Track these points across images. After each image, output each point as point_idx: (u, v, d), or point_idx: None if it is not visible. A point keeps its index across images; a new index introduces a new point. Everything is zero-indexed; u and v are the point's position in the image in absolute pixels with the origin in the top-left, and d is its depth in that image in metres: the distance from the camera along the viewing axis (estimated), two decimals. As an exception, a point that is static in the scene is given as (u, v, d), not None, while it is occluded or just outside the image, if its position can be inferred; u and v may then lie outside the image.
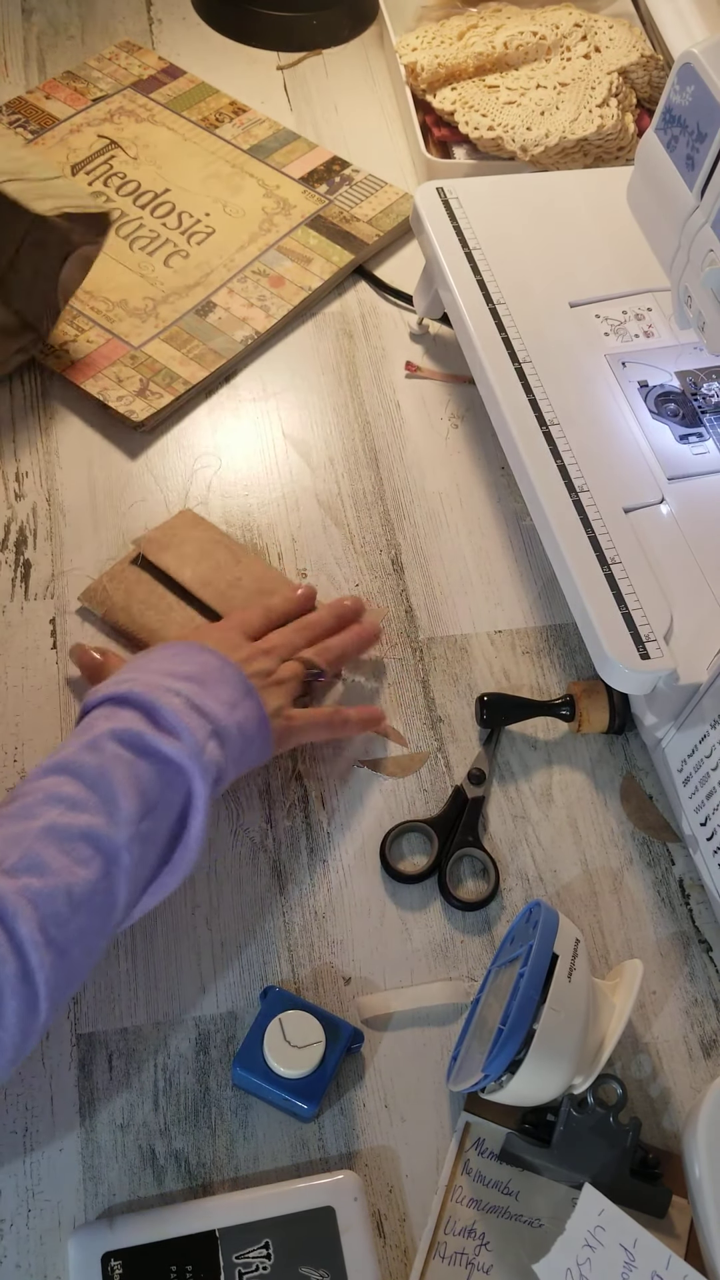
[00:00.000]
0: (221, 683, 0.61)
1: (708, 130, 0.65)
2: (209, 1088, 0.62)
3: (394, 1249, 0.58)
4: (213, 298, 0.94)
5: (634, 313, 0.83)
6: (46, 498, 0.83)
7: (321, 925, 0.67)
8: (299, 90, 1.13)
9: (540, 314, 0.81)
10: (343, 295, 0.98)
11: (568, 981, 0.57)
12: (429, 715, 0.76)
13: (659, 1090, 0.64)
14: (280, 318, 0.93)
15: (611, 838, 0.72)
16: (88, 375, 0.87)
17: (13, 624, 0.77)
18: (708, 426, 0.77)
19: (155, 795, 0.55)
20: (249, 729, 0.61)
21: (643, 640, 0.65)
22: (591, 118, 0.99)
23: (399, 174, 1.06)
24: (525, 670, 0.78)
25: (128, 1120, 0.61)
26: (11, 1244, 0.57)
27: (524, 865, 0.70)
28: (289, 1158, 0.60)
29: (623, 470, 0.74)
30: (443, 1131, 0.61)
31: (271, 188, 1.02)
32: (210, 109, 1.08)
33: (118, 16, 1.16)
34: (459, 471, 0.87)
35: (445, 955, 0.67)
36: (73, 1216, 0.58)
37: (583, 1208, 0.55)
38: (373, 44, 1.17)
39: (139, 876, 0.55)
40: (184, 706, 0.58)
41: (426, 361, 0.94)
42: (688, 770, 0.68)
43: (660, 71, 1.05)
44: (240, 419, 0.89)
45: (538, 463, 0.73)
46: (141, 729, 0.56)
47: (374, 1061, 0.63)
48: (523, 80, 1.03)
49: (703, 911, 0.69)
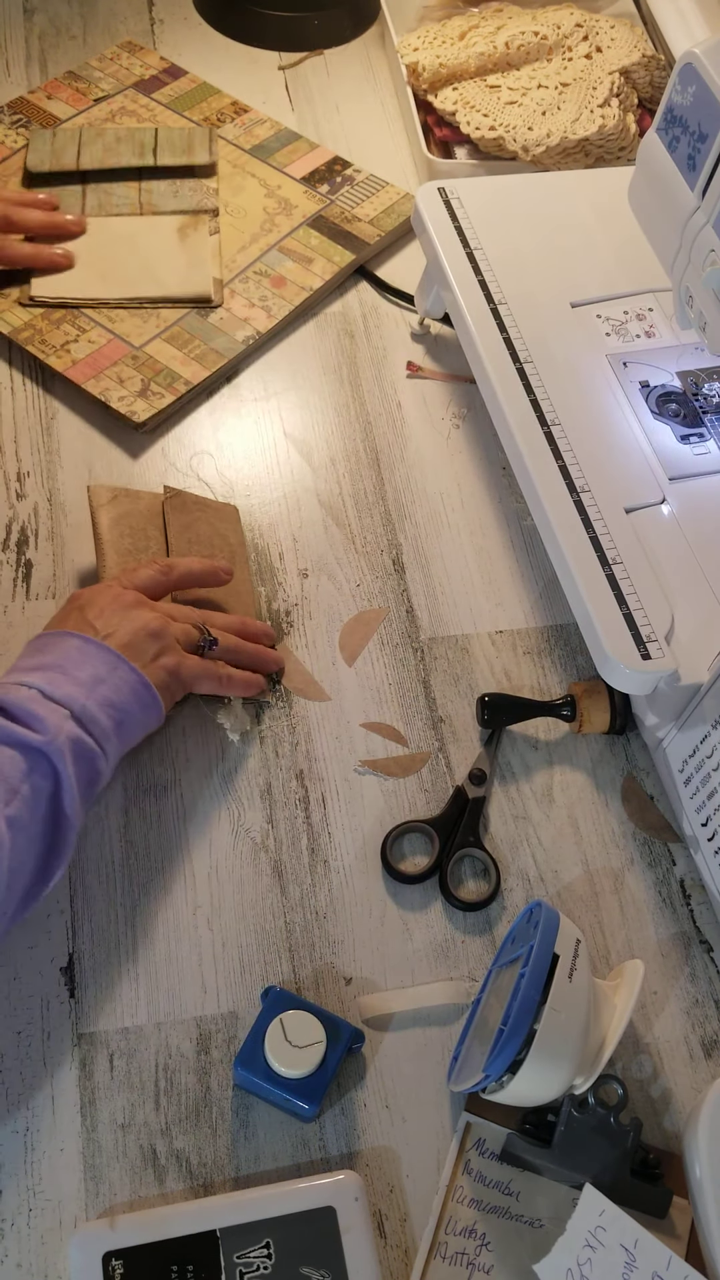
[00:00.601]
0: (83, 663, 0.63)
1: (709, 130, 0.65)
2: (210, 1087, 0.62)
3: (395, 1249, 0.58)
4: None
5: (635, 313, 0.83)
6: (48, 497, 0.83)
7: (322, 925, 0.67)
8: (300, 90, 1.13)
9: (541, 314, 0.81)
10: (344, 295, 0.98)
11: (569, 982, 0.57)
12: (430, 715, 0.76)
13: (660, 1091, 0.64)
14: (282, 318, 0.93)
15: (612, 838, 0.72)
16: (89, 375, 0.87)
17: (14, 624, 0.77)
18: (709, 427, 0.77)
19: (17, 780, 0.58)
20: (121, 698, 0.63)
21: (644, 640, 0.65)
22: (593, 118, 0.99)
23: (400, 174, 1.06)
24: (526, 670, 0.78)
25: (129, 1120, 0.61)
26: (13, 1243, 0.57)
27: (525, 865, 0.70)
28: (290, 1158, 0.60)
29: (624, 470, 0.74)
30: (443, 1132, 0.61)
31: (273, 188, 1.02)
32: (212, 109, 1.08)
33: (119, 16, 1.16)
34: (460, 472, 0.87)
35: (446, 955, 0.67)
36: (74, 1216, 0.58)
37: (584, 1208, 0.55)
38: (374, 44, 1.17)
39: (20, 862, 0.57)
40: (35, 696, 0.60)
41: (428, 361, 0.94)
42: (689, 770, 0.68)
43: (662, 71, 1.05)
44: (242, 419, 0.89)
45: (539, 463, 0.73)
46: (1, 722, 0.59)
47: (375, 1062, 0.63)
48: (524, 80, 1.03)
49: (704, 912, 0.69)
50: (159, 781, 0.71)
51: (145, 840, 0.69)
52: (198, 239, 0.95)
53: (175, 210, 0.98)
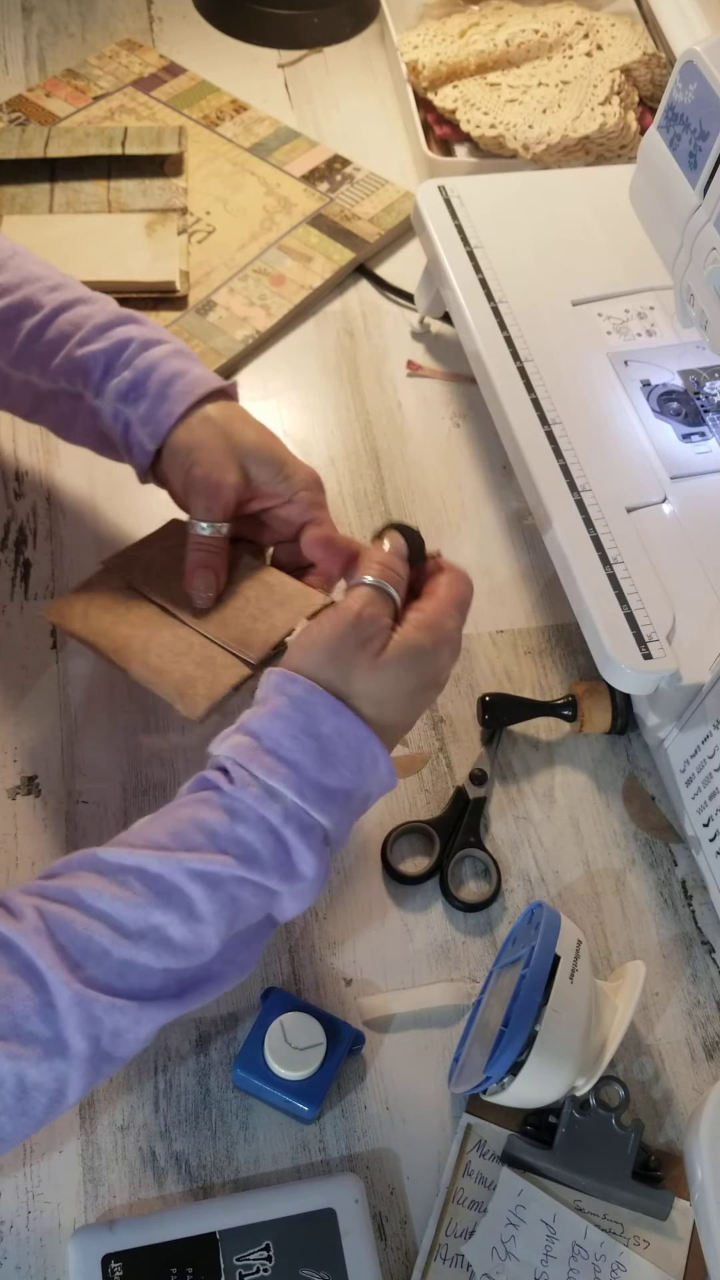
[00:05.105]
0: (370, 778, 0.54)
1: (710, 128, 0.64)
2: (210, 1089, 0.61)
3: (395, 1251, 0.58)
4: (213, 296, 0.94)
5: (636, 311, 0.82)
6: (46, 497, 0.83)
7: (322, 926, 0.67)
8: (300, 88, 1.12)
9: (542, 313, 0.81)
10: (344, 294, 0.97)
11: (570, 983, 0.57)
12: (430, 715, 0.75)
13: (661, 1092, 0.63)
14: (281, 316, 0.93)
15: (614, 839, 0.72)
16: (88, 374, 0.87)
17: (13, 624, 0.76)
18: (710, 425, 0.77)
19: (247, 920, 0.52)
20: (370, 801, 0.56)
21: (645, 640, 0.65)
22: (593, 116, 0.99)
23: (400, 172, 1.06)
24: (527, 670, 0.78)
25: (128, 1122, 0.60)
26: (12, 1246, 0.57)
27: (526, 866, 0.70)
28: (290, 1159, 0.60)
29: (625, 469, 0.73)
30: (444, 1133, 0.61)
31: (272, 186, 1.02)
32: (211, 107, 1.08)
33: (118, 14, 1.16)
34: (460, 471, 0.87)
35: (447, 956, 0.67)
36: (73, 1218, 0.58)
37: (502, 1189, 0.58)
38: (374, 42, 1.17)
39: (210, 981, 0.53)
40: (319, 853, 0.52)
41: (428, 360, 0.94)
42: (690, 771, 0.68)
43: (662, 69, 1.05)
44: (241, 418, 0.89)
45: (539, 462, 0.73)
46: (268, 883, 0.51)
47: (375, 1063, 0.63)
48: (524, 78, 1.03)
49: (705, 913, 0.69)
50: (159, 781, 0.71)
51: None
52: (165, 234, 0.95)
53: (144, 209, 0.97)
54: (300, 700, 0.53)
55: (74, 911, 0.49)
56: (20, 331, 0.67)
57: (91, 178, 0.99)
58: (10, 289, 0.68)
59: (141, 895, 0.49)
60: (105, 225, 0.96)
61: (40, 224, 0.95)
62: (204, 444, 0.64)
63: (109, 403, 0.67)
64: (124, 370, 0.66)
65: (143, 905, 0.49)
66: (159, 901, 0.49)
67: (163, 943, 0.49)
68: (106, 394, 0.66)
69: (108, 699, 0.74)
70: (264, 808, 0.51)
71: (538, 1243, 0.57)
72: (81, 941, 0.48)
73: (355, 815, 0.55)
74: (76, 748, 0.72)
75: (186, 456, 0.64)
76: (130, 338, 0.67)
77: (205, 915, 0.50)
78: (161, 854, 0.50)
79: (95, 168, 1.00)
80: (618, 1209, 0.59)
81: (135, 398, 0.66)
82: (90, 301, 0.69)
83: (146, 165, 1.00)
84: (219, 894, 0.50)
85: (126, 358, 0.66)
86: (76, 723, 0.73)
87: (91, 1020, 0.48)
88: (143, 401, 0.65)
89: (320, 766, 0.52)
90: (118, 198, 0.98)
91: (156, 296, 0.92)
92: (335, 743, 0.52)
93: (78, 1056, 0.47)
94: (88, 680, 0.74)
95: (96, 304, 0.69)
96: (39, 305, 0.68)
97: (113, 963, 0.49)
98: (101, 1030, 0.48)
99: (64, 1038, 0.47)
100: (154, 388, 0.65)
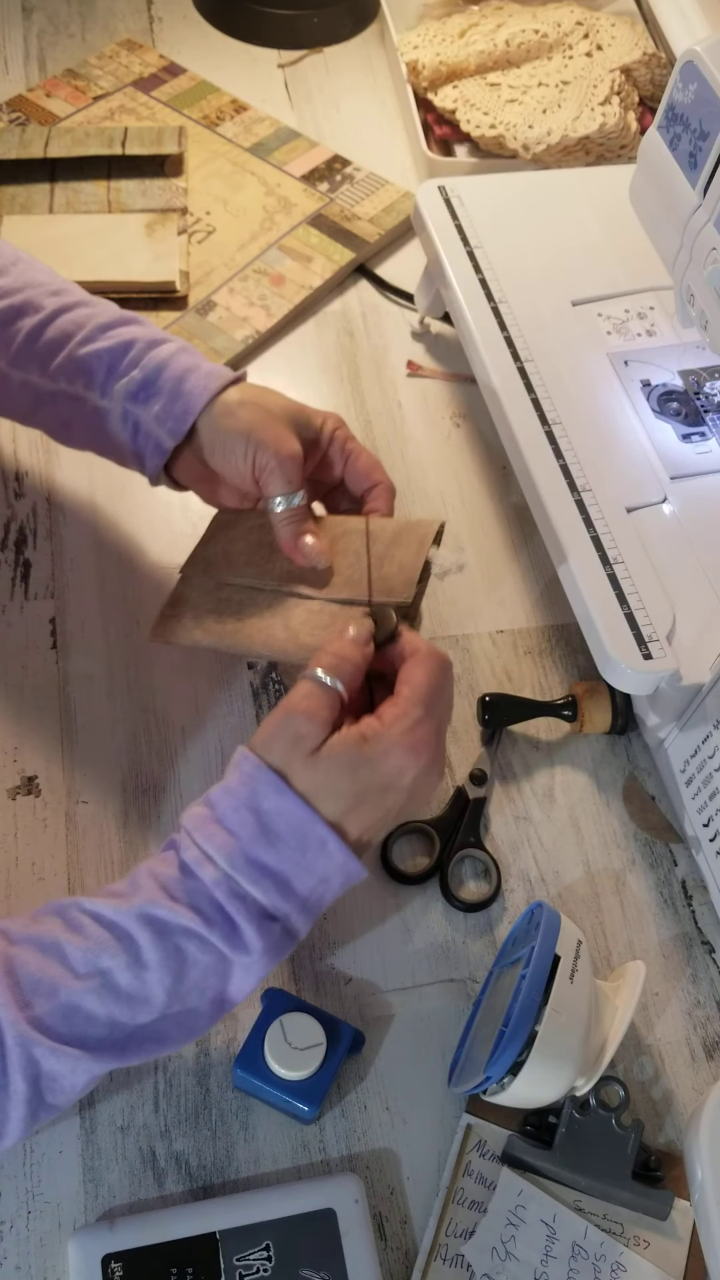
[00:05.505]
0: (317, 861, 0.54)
1: (710, 128, 0.64)
2: (210, 1090, 0.61)
3: (395, 1251, 0.58)
4: (213, 296, 0.94)
5: (636, 311, 0.82)
6: (46, 497, 0.83)
7: (322, 926, 0.67)
8: (300, 88, 1.12)
9: (542, 313, 0.81)
10: (344, 294, 0.97)
11: (570, 983, 0.57)
12: (430, 715, 0.75)
13: (661, 1092, 0.63)
14: (281, 317, 0.93)
15: (614, 839, 0.72)
16: (88, 374, 0.87)
17: (13, 624, 0.76)
18: (710, 425, 0.77)
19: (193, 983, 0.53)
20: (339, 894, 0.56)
21: (645, 640, 0.65)
22: (593, 116, 0.99)
23: (400, 172, 1.06)
24: (527, 670, 0.78)
25: (128, 1122, 0.60)
26: (11, 1246, 0.57)
27: (526, 866, 0.70)
28: (290, 1160, 0.60)
29: (625, 469, 0.73)
30: (444, 1133, 0.61)
31: (272, 186, 1.02)
32: (211, 107, 1.08)
33: (118, 14, 1.16)
34: (460, 470, 0.87)
35: (447, 957, 0.67)
36: (73, 1218, 0.58)
37: (502, 1189, 0.58)
38: (374, 42, 1.17)
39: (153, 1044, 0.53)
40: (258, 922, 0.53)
41: (428, 360, 0.94)
42: (690, 771, 0.68)
43: (662, 69, 1.05)
44: (241, 418, 0.89)
45: (539, 462, 0.73)
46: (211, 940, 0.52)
47: (375, 1063, 0.63)
48: (524, 78, 1.03)
49: (705, 913, 0.69)
50: (159, 781, 0.71)
51: (145, 840, 0.69)
52: (165, 234, 0.95)
53: (144, 209, 0.97)
54: (247, 776, 0.54)
55: (31, 951, 0.51)
56: (20, 331, 0.67)
57: (91, 178, 0.99)
58: (11, 292, 0.68)
59: (93, 939, 0.51)
60: (105, 225, 0.96)
61: (40, 224, 0.95)
62: (257, 426, 0.64)
63: (117, 403, 0.66)
64: (132, 370, 0.66)
65: (92, 949, 0.51)
66: (107, 945, 0.51)
67: (109, 988, 0.51)
68: (114, 394, 0.66)
69: (108, 699, 0.74)
70: (200, 869, 0.52)
71: (538, 1243, 0.57)
72: (33, 979, 0.50)
73: (312, 900, 0.55)
74: (76, 748, 0.72)
75: (240, 444, 0.64)
76: (134, 337, 0.67)
77: (150, 963, 0.51)
78: (116, 900, 0.52)
79: (95, 168, 1.00)
80: (618, 1209, 0.59)
81: (146, 397, 0.65)
82: (92, 304, 0.69)
83: (146, 165, 1.00)
84: (165, 942, 0.51)
85: (133, 357, 0.66)
86: (76, 723, 0.73)
87: (30, 1062, 0.49)
88: (156, 400, 0.65)
89: (256, 840, 0.53)
90: (118, 198, 0.98)
91: (156, 297, 0.92)
92: (275, 819, 0.53)
93: (17, 1095, 0.49)
94: (88, 680, 0.74)
95: (98, 306, 0.69)
96: (39, 306, 0.67)
97: (59, 1003, 0.50)
98: (39, 1073, 0.49)
99: (7, 1074, 0.49)
100: (167, 385, 0.65)
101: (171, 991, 0.52)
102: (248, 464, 0.64)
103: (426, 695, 0.56)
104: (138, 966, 0.51)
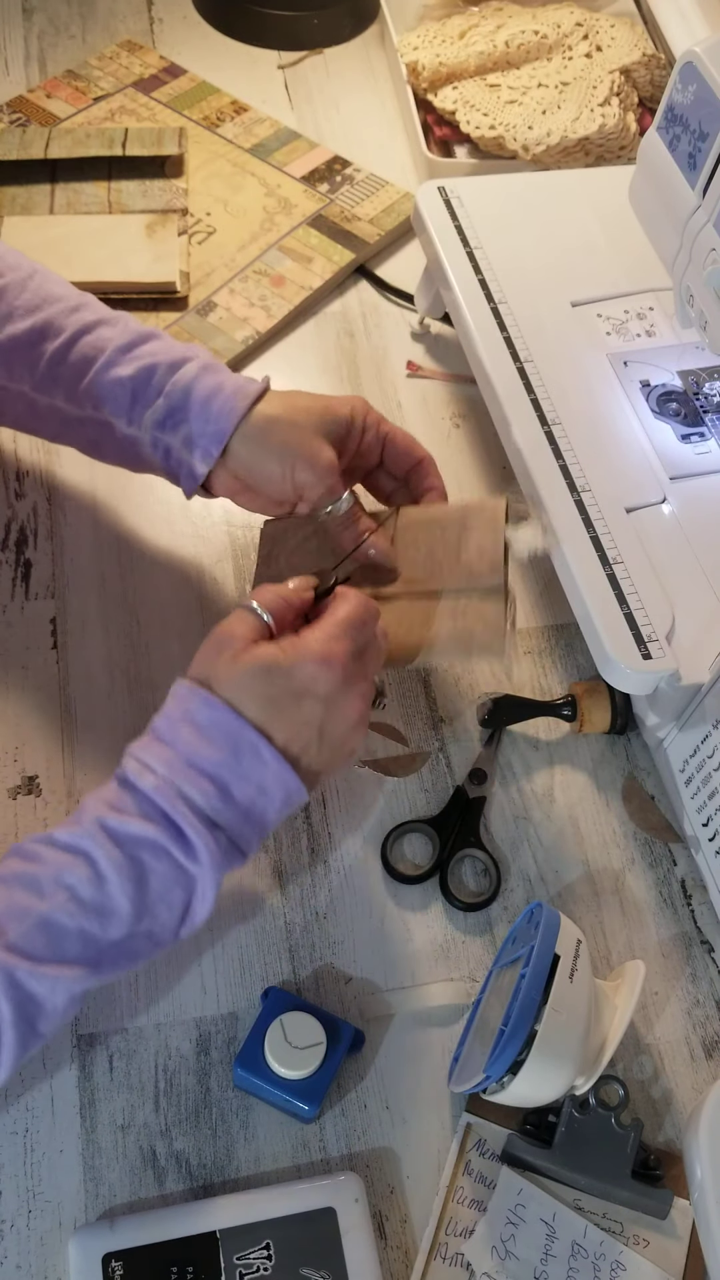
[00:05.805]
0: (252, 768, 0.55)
1: (710, 129, 0.65)
2: (210, 1089, 0.62)
3: (395, 1250, 0.58)
4: (214, 297, 0.94)
5: (636, 312, 0.83)
6: (46, 497, 0.83)
7: (322, 926, 0.67)
8: (300, 89, 1.13)
9: (541, 313, 0.81)
10: (344, 295, 0.98)
11: (569, 982, 0.57)
12: (430, 715, 0.75)
13: (661, 1091, 0.63)
14: (281, 317, 0.93)
15: (613, 838, 0.72)
16: (88, 375, 0.87)
17: (13, 624, 0.76)
18: (710, 426, 0.77)
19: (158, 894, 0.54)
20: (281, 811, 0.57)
21: (644, 640, 0.65)
22: (593, 117, 0.99)
23: (400, 173, 1.06)
24: (527, 670, 0.78)
25: (128, 1121, 0.60)
26: (12, 1245, 0.57)
27: (525, 866, 0.70)
28: (290, 1159, 0.60)
29: (624, 470, 0.73)
30: (444, 1133, 0.61)
31: (273, 187, 1.02)
32: (211, 108, 1.08)
33: (119, 15, 1.16)
34: (460, 471, 0.87)
35: (446, 956, 0.67)
36: (73, 1217, 0.58)
37: (502, 1188, 0.58)
38: (374, 43, 1.17)
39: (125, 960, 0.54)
40: (202, 827, 0.54)
41: (428, 361, 0.94)
42: (689, 771, 0.68)
43: (662, 70, 1.05)
44: (241, 418, 0.89)
45: (539, 462, 0.73)
46: (162, 843, 0.54)
47: (375, 1062, 0.63)
48: (524, 79, 1.03)
49: (705, 912, 0.69)
50: (159, 782, 0.71)
51: (145, 840, 0.69)
52: (165, 234, 0.95)
53: (144, 210, 0.97)
54: (179, 696, 0.57)
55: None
56: (43, 355, 0.67)
57: (92, 179, 0.99)
58: (31, 310, 0.67)
59: (52, 862, 0.53)
60: (106, 226, 0.96)
61: (41, 225, 0.95)
62: (290, 443, 0.64)
63: (146, 431, 0.66)
64: (157, 398, 0.66)
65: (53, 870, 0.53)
66: (66, 864, 0.53)
67: (76, 901, 0.52)
68: (143, 424, 0.66)
69: (108, 699, 0.74)
70: (140, 779, 0.54)
71: (537, 1242, 0.57)
72: (3, 903, 0.51)
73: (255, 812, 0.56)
74: (76, 748, 0.72)
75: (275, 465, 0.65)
76: (156, 361, 0.66)
77: (109, 874, 0.52)
78: (68, 826, 0.54)
79: (96, 169, 1.00)
80: (617, 1208, 0.59)
81: (174, 424, 0.66)
82: (111, 323, 0.68)
83: (147, 166, 1.00)
84: (120, 853, 0.53)
85: (156, 384, 0.66)
86: (76, 723, 0.73)
87: (13, 985, 0.50)
88: (183, 426, 0.65)
89: (191, 748, 0.55)
90: (118, 199, 0.98)
91: (156, 297, 0.92)
92: (207, 730, 0.55)
93: (5, 1019, 0.50)
94: (88, 680, 0.74)
95: (117, 325, 0.68)
96: (60, 329, 0.67)
97: (31, 923, 0.51)
98: (23, 996, 0.50)
99: None
100: (194, 410, 0.65)
101: (136, 901, 0.53)
102: (287, 482, 0.65)
103: (345, 620, 0.58)
104: (98, 879, 0.52)
